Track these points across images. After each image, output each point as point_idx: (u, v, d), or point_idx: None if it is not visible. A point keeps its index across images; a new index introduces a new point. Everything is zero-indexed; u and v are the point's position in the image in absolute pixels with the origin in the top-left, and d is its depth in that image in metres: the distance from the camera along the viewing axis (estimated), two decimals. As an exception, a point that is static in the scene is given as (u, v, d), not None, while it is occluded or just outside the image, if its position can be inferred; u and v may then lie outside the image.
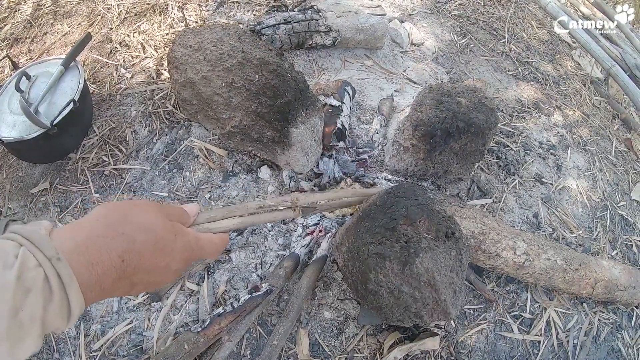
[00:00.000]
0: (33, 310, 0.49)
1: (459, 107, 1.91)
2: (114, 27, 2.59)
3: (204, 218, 0.83)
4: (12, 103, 1.95)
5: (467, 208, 1.91)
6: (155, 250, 0.65)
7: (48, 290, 0.51)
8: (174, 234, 0.69)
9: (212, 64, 1.80)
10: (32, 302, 0.49)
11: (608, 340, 2.10)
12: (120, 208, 0.65)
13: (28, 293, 0.49)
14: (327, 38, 2.52)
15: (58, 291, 0.52)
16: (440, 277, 1.41)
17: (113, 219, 0.63)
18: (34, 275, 0.50)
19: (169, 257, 0.67)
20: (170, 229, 0.69)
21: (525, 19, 3.53)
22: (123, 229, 0.62)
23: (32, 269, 0.50)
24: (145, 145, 2.13)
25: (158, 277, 0.68)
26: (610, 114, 3.16)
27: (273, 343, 1.62)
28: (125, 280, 0.62)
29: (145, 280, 0.66)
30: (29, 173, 2.13)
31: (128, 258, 0.61)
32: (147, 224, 0.65)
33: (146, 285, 0.68)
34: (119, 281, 0.61)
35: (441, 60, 2.95)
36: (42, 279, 0.51)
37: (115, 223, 0.62)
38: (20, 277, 0.49)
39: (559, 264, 1.91)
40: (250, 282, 1.80)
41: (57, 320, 0.53)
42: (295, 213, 1.01)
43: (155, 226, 0.66)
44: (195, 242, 0.75)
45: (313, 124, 1.92)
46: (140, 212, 0.66)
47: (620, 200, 2.60)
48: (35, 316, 0.50)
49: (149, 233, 0.65)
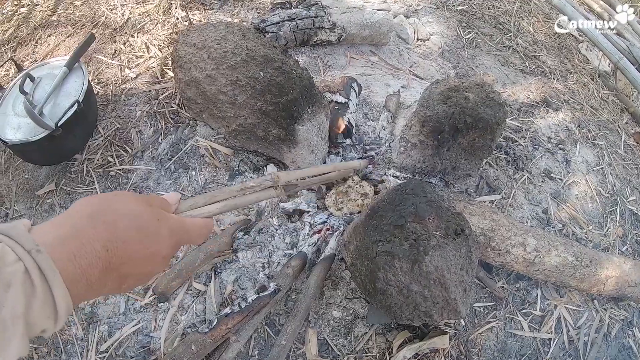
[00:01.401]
0: (15, 307, 0.47)
1: (466, 102, 1.89)
2: (118, 28, 2.58)
3: (186, 206, 0.82)
4: (16, 105, 1.95)
5: (476, 204, 1.89)
6: (139, 237, 0.62)
7: (30, 284, 0.49)
8: (156, 219, 0.66)
9: (216, 62, 1.79)
10: (13, 297, 0.47)
11: (619, 337, 2.08)
12: (100, 199, 0.63)
13: (8, 288, 0.47)
14: (332, 35, 2.51)
15: (40, 285, 0.49)
16: (450, 275, 1.39)
17: (93, 209, 0.60)
18: (13, 270, 0.48)
19: (154, 243, 0.65)
20: (152, 214, 0.66)
21: (532, 13, 3.50)
22: (105, 217, 0.59)
23: (11, 263, 0.48)
24: (151, 145, 2.12)
25: (147, 266, 0.65)
26: (618, 108, 3.13)
27: (281, 343, 1.61)
28: (113, 272, 0.59)
29: (134, 271, 0.63)
30: (34, 175, 2.13)
31: (112, 247, 0.58)
32: (129, 210, 0.63)
33: (137, 278, 0.65)
34: (107, 274, 0.58)
35: (447, 56, 2.93)
36: (23, 272, 0.48)
37: (95, 213, 0.59)
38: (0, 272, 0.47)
39: (569, 261, 1.88)
40: (258, 281, 1.79)
41: (42, 319, 0.50)
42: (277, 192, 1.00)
43: (137, 212, 0.64)
44: (180, 225, 0.72)
45: (319, 121, 1.91)
46: (120, 201, 0.64)
47: (630, 195, 2.57)
48: (18, 313, 0.47)
49: (131, 219, 0.62)
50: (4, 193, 2.11)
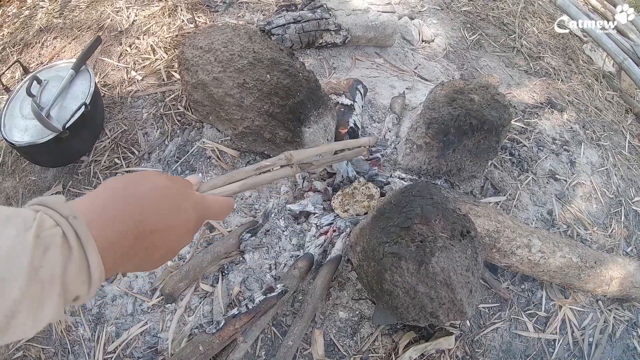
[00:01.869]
0: (52, 268, 0.49)
1: (472, 105, 1.90)
2: (124, 30, 2.59)
3: (207, 186, 0.86)
4: (23, 108, 1.96)
5: (481, 206, 1.90)
6: (167, 210, 0.66)
7: (67, 247, 0.51)
8: (181, 194, 0.70)
9: (223, 64, 1.80)
10: (51, 259, 0.49)
11: (623, 338, 2.08)
12: (130, 176, 0.66)
13: (47, 250, 0.49)
14: (337, 37, 2.52)
15: (77, 248, 0.51)
16: (456, 277, 1.40)
17: (124, 184, 0.63)
18: (52, 233, 0.50)
19: (180, 216, 0.68)
20: (178, 190, 0.70)
21: (536, 14, 3.50)
22: (135, 191, 0.63)
23: (49, 228, 0.50)
24: (157, 147, 2.14)
25: (174, 237, 0.68)
26: (623, 109, 3.13)
27: (288, 344, 1.62)
28: (143, 241, 0.62)
29: (162, 242, 0.65)
30: (41, 177, 2.14)
31: (142, 219, 0.61)
32: (157, 185, 0.66)
33: (164, 250, 0.67)
34: (137, 243, 0.61)
35: (452, 57, 2.93)
36: (61, 236, 0.50)
37: (128, 187, 0.63)
38: (39, 236, 0.48)
39: (574, 262, 1.89)
40: (265, 282, 1.80)
41: (77, 283, 0.52)
42: (293, 170, 1.03)
43: (164, 187, 0.67)
44: (202, 201, 0.76)
45: (326, 123, 1.92)
46: (148, 178, 0.67)
47: (634, 195, 2.57)
48: (55, 274, 0.49)
49: (159, 193, 0.65)
50: (11, 194, 2.12)
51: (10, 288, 0.46)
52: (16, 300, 0.46)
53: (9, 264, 0.46)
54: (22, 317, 0.47)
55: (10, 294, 0.46)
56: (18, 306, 0.46)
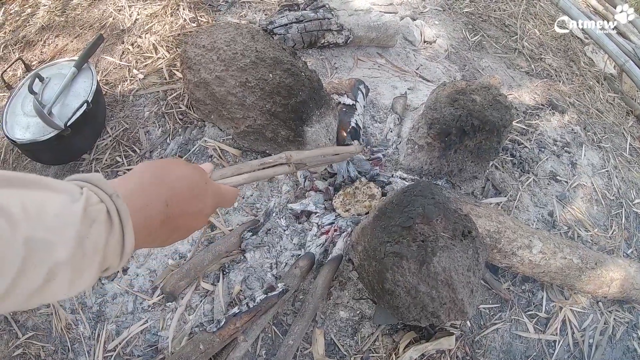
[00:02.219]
0: (97, 240, 0.54)
1: (473, 105, 1.90)
2: (126, 29, 2.59)
3: (217, 175, 0.95)
4: (25, 105, 1.96)
5: (483, 206, 1.90)
6: (192, 196, 0.74)
7: (109, 223, 0.56)
8: (204, 182, 0.78)
9: (225, 63, 1.80)
10: (96, 231, 0.54)
11: (623, 340, 2.08)
12: (158, 163, 0.73)
13: (93, 223, 0.54)
14: (339, 37, 2.52)
15: (117, 225, 0.57)
16: (458, 277, 1.41)
17: (155, 171, 0.70)
18: (98, 209, 0.55)
19: (202, 202, 0.77)
20: (201, 178, 0.78)
21: (537, 15, 3.50)
22: (166, 178, 0.70)
23: (95, 203, 0.55)
24: (159, 146, 2.14)
25: (194, 220, 0.76)
26: (624, 111, 3.13)
27: (289, 343, 1.62)
28: (168, 224, 0.69)
29: (183, 224, 0.73)
30: (42, 174, 2.13)
31: (171, 203, 0.68)
32: (184, 173, 0.74)
33: (182, 231, 0.76)
34: (163, 225, 0.68)
35: (454, 58, 2.93)
36: (105, 213, 0.56)
37: (158, 174, 0.69)
38: (86, 210, 0.53)
39: (574, 263, 1.89)
40: (266, 281, 1.80)
41: (113, 256, 0.57)
42: (290, 168, 1.16)
43: (190, 175, 0.75)
44: (218, 190, 0.85)
45: (327, 122, 1.92)
46: (175, 166, 0.74)
47: (635, 197, 2.57)
48: (98, 246, 0.54)
49: (186, 181, 0.73)
50: (13, 192, 2.12)
51: (57, 251, 0.49)
52: (60, 263, 0.50)
53: (58, 230, 0.50)
54: (61, 281, 0.51)
55: (58, 256, 0.49)
56: (60, 269, 0.50)
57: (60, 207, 0.51)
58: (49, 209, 0.50)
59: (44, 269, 0.48)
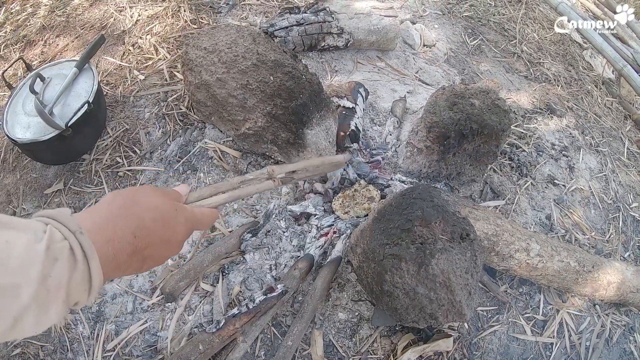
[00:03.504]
0: (60, 277, 0.55)
1: (472, 109, 1.91)
2: (126, 30, 2.60)
3: (194, 197, 0.91)
4: (26, 104, 1.96)
5: (481, 209, 1.91)
6: (161, 225, 0.73)
7: (73, 260, 0.57)
8: (174, 210, 0.77)
9: (226, 65, 1.81)
10: (59, 269, 0.54)
11: (620, 343, 2.09)
12: (128, 193, 0.73)
13: (55, 262, 0.54)
14: (339, 40, 2.53)
15: (81, 261, 0.57)
16: (456, 278, 1.42)
17: (123, 202, 0.70)
18: (61, 247, 0.56)
19: (173, 231, 0.75)
20: (171, 206, 0.77)
21: (537, 20, 3.52)
22: (133, 209, 0.69)
23: (58, 241, 0.56)
24: (159, 147, 2.14)
25: (165, 249, 0.75)
26: (622, 115, 3.15)
27: (287, 344, 1.63)
28: (138, 255, 0.68)
29: (154, 254, 0.72)
30: (42, 174, 2.15)
31: (139, 234, 0.68)
32: (152, 203, 0.73)
33: (155, 260, 0.75)
34: (132, 256, 0.67)
35: (453, 62, 2.95)
36: (68, 250, 0.56)
37: (125, 205, 0.69)
38: (49, 248, 0.54)
39: (572, 266, 1.90)
40: (265, 283, 1.81)
41: (79, 291, 0.58)
42: (275, 183, 1.09)
43: (159, 204, 0.74)
44: (192, 215, 0.83)
45: (327, 125, 1.93)
46: (144, 195, 0.74)
47: (632, 201, 2.59)
48: (62, 283, 0.55)
49: (155, 211, 0.73)
50: (12, 191, 2.12)
51: (22, 293, 0.51)
52: (25, 304, 0.51)
53: (22, 271, 0.51)
54: (28, 320, 0.52)
55: (22, 298, 0.51)
56: (27, 310, 0.52)
57: (24, 247, 0.52)
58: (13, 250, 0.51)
59: (10, 314, 0.50)
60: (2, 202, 2.10)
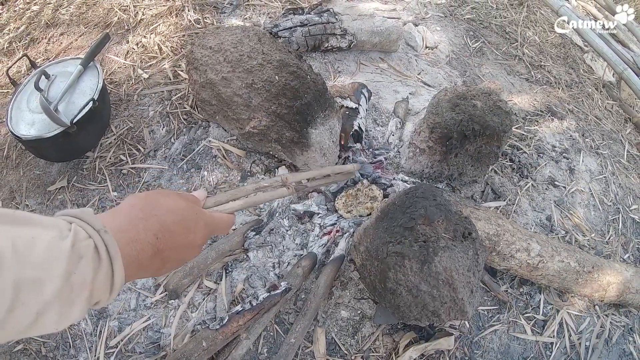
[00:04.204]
0: (84, 275, 0.55)
1: (474, 110, 1.93)
2: (130, 29, 2.61)
3: (211, 202, 0.93)
4: (30, 101, 1.97)
5: (482, 210, 1.93)
6: (182, 228, 0.74)
7: (97, 258, 0.57)
8: (195, 214, 0.78)
9: (232, 65, 1.83)
10: (83, 267, 0.55)
11: (620, 343, 2.10)
12: (149, 195, 0.74)
13: (80, 259, 0.55)
14: (342, 41, 2.54)
15: (105, 260, 0.58)
16: (458, 276, 1.43)
17: (145, 204, 0.71)
18: (86, 245, 0.56)
19: (193, 234, 0.77)
20: (192, 210, 0.78)
21: (538, 23, 3.54)
22: (155, 212, 0.70)
23: (83, 239, 0.56)
24: (163, 145, 2.15)
25: (185, 252, 0.76)
26: (622, 118, 3.17)
27: (290, 341, 1.64)
28: (159, 256, 0.69)
29: (174, 256, 0.74)
30: (46, 171, 2.15)
31: (161, 236, 0.69)
32: (174, 206, 0.75)
33: (175, 262, 0.76)
34: (153, 258, 0.68)
35: (455, 64, 2.96)
36: (93, 248, 0.57)
37: (147, 207, 0.70)
38: (74, 246, 0.55)
39: (572, 266, 1.92)
40: (268, 281, 1.82)
41: (101, 290, 0.58)
42: (289, 191, 1.12)
43: (180, 208, 0.76)
44: (211, 220, 0.84)
45: (331, 125, 1.94)
46: (165, 198, 0.75)
47: (632, 203, 2.61)
48: (86, 281, 0.55)
49: (176, 214, 0.74)
50: (15, 188, 2.13)
51: (46, 288, 0.51)
52: (49, 300, 0.52)
53: (46, 267, 0.52)
54: (51, 316, 0.53)
55: (45, 293, 0.51)
56: (50, 305, 0.52)
57: (49, 244, 0.53)
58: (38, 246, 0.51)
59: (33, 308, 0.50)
60: (5, 199, 2.10)
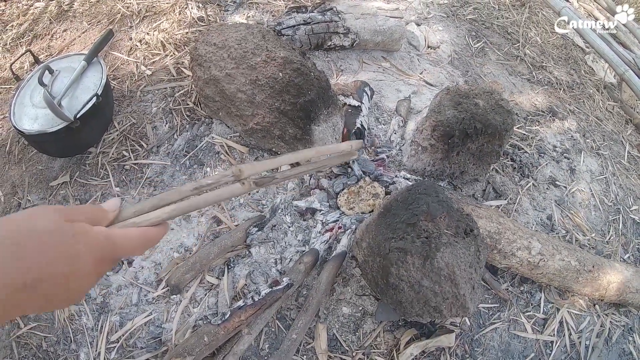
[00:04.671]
0: None
1: (476, 109, 1.93)
2: (134, 25, 2.62)
3: (130, 212, 0.73)
4: (34, 96, 1.97)
5: (483, 208, 1.93)
6: (55, 256, 0.58)
7: None
8: (71, 235, 0.61)
9: (236, 61, 1.83)
10: None
11: (619, 343, 2.11)
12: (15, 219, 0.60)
13: None
14: (345, 39, 2.55)
15: None
16: (460, 272, 1.44)
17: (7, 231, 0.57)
18: None
19: (70, 261, 0.60)
20: (66, 231, 0.61)
21: (540, 24, 3.55)
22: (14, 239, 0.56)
23: None
24: (166, 141, 2.15)
25: (70, 285, 0.60)
26: (623, 119, 3.18)
27: (292, 337, 1.65)
28: (35, 290, 0.56)
29: (57, 290, 0.59)
30: (48, 166, 2.16)
31: (28, 267, 0.55)
32: (44, 229, 0.59)
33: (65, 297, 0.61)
34: (27, 293, 0.56)
35: (457, 64, 2.97)
36: None
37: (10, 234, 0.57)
38: None
39: (572, 265, 1.92)
40: (270, 276, 1.82)
41: None
42: (245, 187, 0.85)
43: (47, 230, 0.59)
44: (105, 239, 0.66)
45: (334, 122, 1.95)
46: (31, 220, 0.60)
47: (632, 204, 2.62)
48: None
49: (40, 239, 0.58)
50: (17, 183, 2.13)
51: None
52: None
53: None
54: None
55: None
56: None
57: None
58: None
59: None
60: (7, 194, 2.11)
